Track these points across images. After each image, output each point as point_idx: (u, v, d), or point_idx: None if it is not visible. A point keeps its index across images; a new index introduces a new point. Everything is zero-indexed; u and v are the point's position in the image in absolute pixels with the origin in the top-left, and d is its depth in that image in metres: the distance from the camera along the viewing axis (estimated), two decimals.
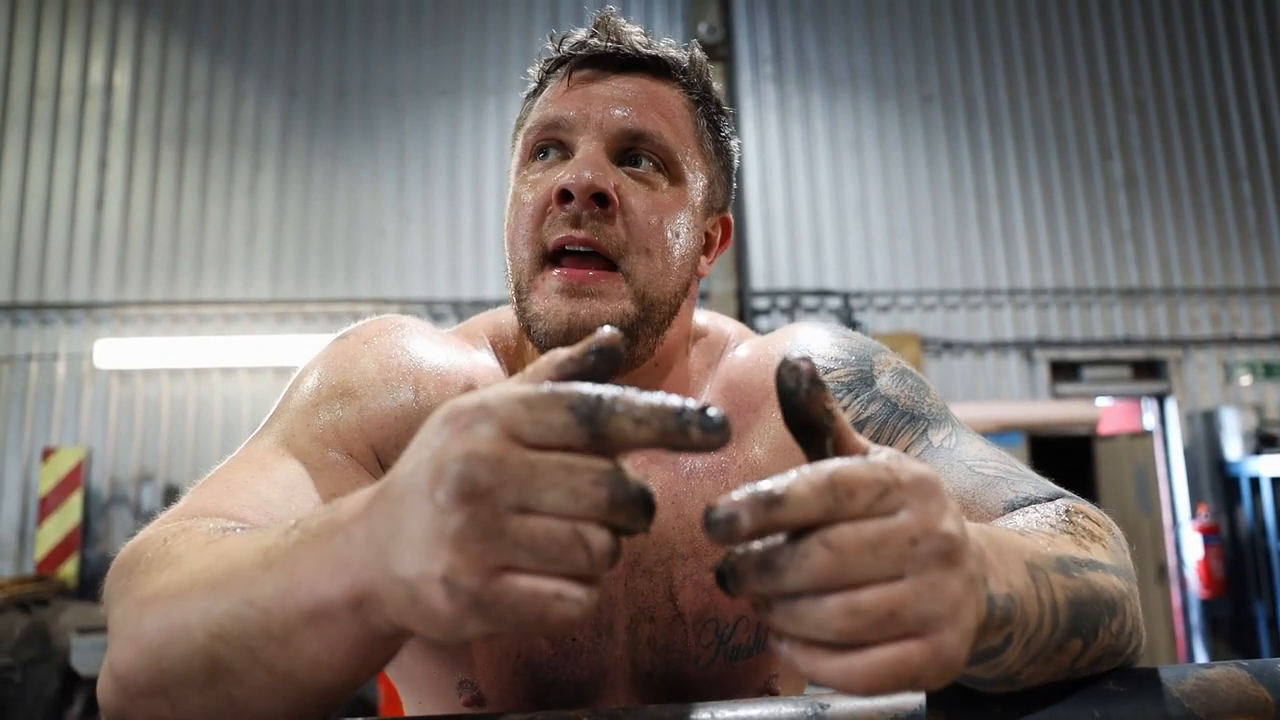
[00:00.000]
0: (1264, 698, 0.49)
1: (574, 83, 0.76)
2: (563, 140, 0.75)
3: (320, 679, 0.42)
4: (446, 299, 5.96)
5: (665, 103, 0.76)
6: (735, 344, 0.88)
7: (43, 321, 5.79)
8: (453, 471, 0.35)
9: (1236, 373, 6.37)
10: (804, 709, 0.49)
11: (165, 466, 5.63)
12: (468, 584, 0.34)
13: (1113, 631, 0.51)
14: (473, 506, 0.34)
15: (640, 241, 0.72)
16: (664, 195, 0.74)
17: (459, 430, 0.36)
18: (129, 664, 0.46)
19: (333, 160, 6.12)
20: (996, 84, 6.63)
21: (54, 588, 5.05)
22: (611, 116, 0.73)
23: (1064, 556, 0.51)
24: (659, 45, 0.78)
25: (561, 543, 0.34)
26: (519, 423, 0.35)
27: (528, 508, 0.35)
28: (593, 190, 0.70)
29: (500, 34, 6.37)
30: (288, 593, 0.41)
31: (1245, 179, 6.69)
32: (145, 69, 6.13)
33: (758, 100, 6.41)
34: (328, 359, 0.78)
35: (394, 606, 0.37)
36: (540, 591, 0.34)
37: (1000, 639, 0.43)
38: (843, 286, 6.22)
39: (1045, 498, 0.65)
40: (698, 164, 0.78)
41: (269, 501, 0.62)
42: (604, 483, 0.35)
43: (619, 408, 0.36)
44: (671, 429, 0.36)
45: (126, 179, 5.98)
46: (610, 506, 0.35)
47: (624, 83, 0.76)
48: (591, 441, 0.36)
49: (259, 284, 5.95)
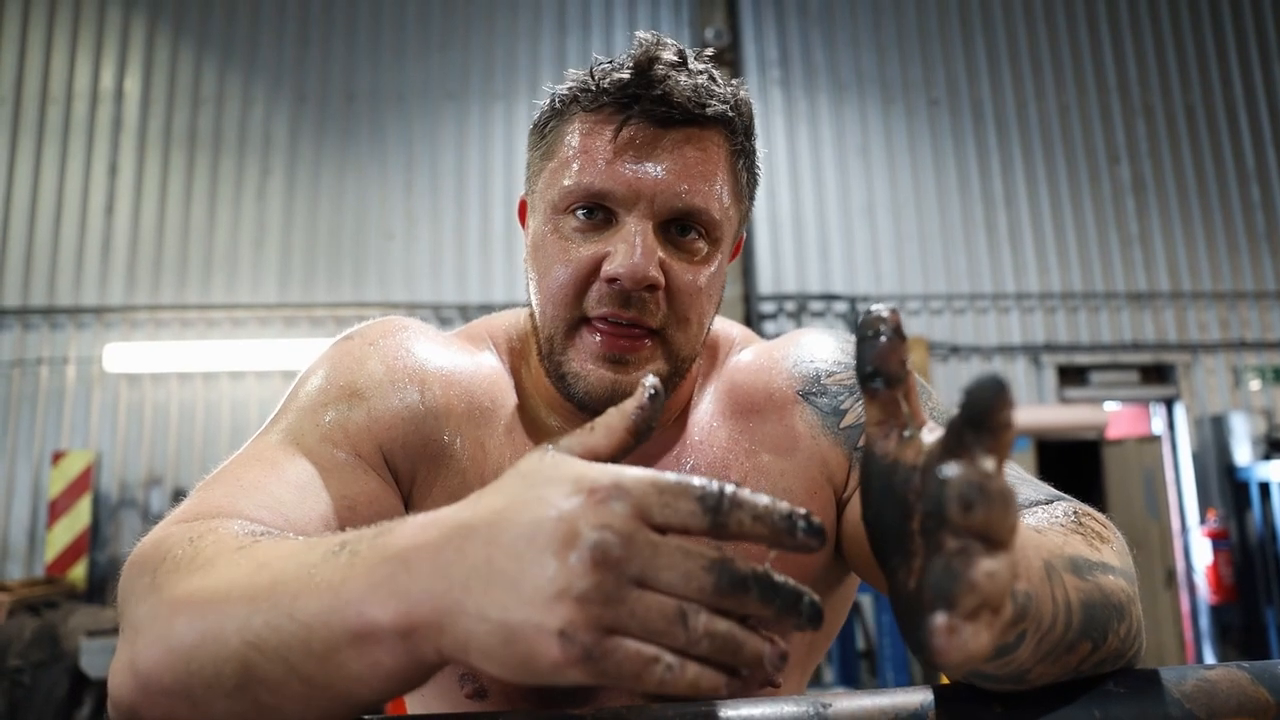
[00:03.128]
0: (1264, 699, 0.50)
1: (621, 144, 0.72)
2: (608, 208, 0.73)
3: (356, 694, 0.43)
4: (454, 303, 5.98)
5: (712, 164, 0.74)
6: (739, 348, 0.89)
7: (53, 326, 5.82)
8: (590, 540, 0.38)
9: (1246, 377, 6.34)
10: (805, 708, 0.49)
11: (174, 470, 5.66)
12: (584, 639, 0.37)
13: (1120, 635, 0.52)
14: (601, 574, 0.38)
15: (680, 313, 0.74)
16: (703, 264, 0.75)
17: (596, 503, 0.39)
18: (154, 663, 0.47)
19: (341, 164, 6.15)
20: (1004, 88, 6.63)
21: (63, 590, 5.07)
22: (662, 195, 0.71)
23: (1077, 557, 0.51)
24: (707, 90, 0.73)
25: (668, 617, 0.38)
26: (650, 505, 0.39)
27: (645, 582, 0.38)
28: (646, 283, 0.71)
29: (508, 39, 6.40)
30: (334, 611, 0.42)
31: (1254, 182, 6.67)
32: (155, 74, 6.17)
33: (764, 105, 6.42)
34: (333, 360, 0.79)
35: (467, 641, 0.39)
36: (643, 653, 0.38)
37: (1014, 636, 0.43)
38: (849, 291, 6.21)
39: (1044, 500, 0.66)
40: (733, 212, 0.77)
41: (282, 502, 0.63)
42: (713, 570, 0.39)
43: (739, 502, 0.40)
44: (781, 529, 0.40)
45: (136, 184, 6.02)
46: (715, 591, 0.39)
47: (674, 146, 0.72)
48: (711, 529, 0.39)
49: (267, 288, 5.98)
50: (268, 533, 0.55)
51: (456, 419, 0.78)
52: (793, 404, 0.82)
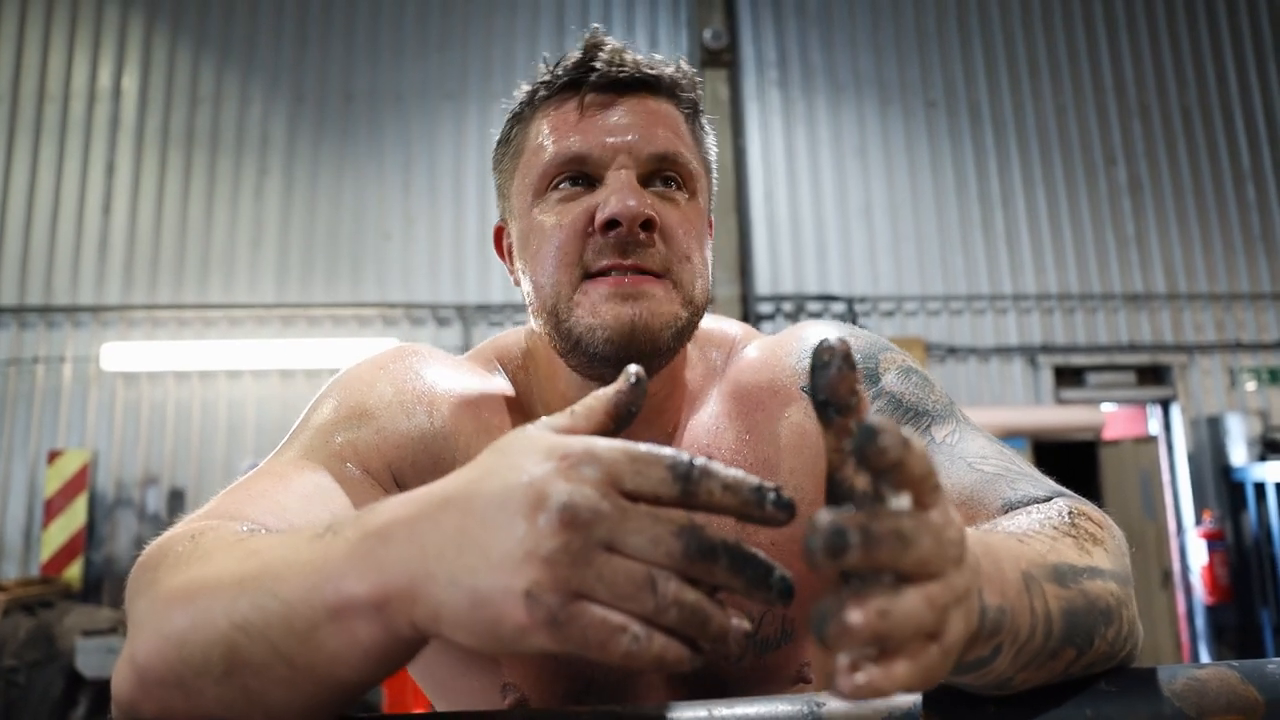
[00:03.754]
0: (1253, 697, 0.50)
1: (587, 111, 0.76)
2: (587, 172, 0.76)
3: (337, 675, 0.43)
4: (451, 303, 5.98)
5: (673, 119, 0.78)
6: (742, 345, 0.89)
7: (49, 324, 5.82)
8: (559, 501, 0.38)
9: (1241, 378, 6.35)
10: (800, 708, 0.50)
11: (170, 470, 5.65)
12: (549, 600, 0.37)
13: (1108, 639, 0.52)
14: (569, 535, 0.37)
15: (680, 251, 0.75)
16: (687, 209, 0.77)
17: (567, 468, 0.39)
18: (150, 653, 0.47)
19: (339, 164, 6.15)
20: (1001, 89, 6.64)
21: (59, 590, 5.07)
22: (638, 145, 0.75)
23: (1061, 565, 0.51)
24: (650, 61, 0.79)
25: (636, 582, 0.37)
26: (621, 471, 0.39)
27: (614, 546, 0.38)
28: (641, 219, 0.72)
29: (506, 39, 6.40)
30: (315, 588, 0.43)
31: (1250, 183, 6.69)
32: (153, 73, 6.17)
33: (762, 105, 6.43)
34: (345, 384, 0.80)
35: (438, 609, 0.39)
36: (609, 621, 0.37)
37: (989, 649, 0.44)
38: (847, 292, 6.22)
39: (1044, 496, 0.66)
40: (701, 174, 0.81)
41: (287, 509, 0.64)
42: (681, 535, 0.38)
43: (710, 472, 0.39)
44: (751, 500, 0.39)
45: (134, 183, 6.02)
46: (684, 557, 0.38)
47: (635, 106, 0.77)
48: (681, 497, 0.39)
49: (264, 288, 5.97)
50: (267, 530, 0.56)
51: (466, 439, 0.79)
52: (798, 400, 0.82)
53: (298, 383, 5.82)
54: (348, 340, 5.85)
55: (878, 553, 0.35)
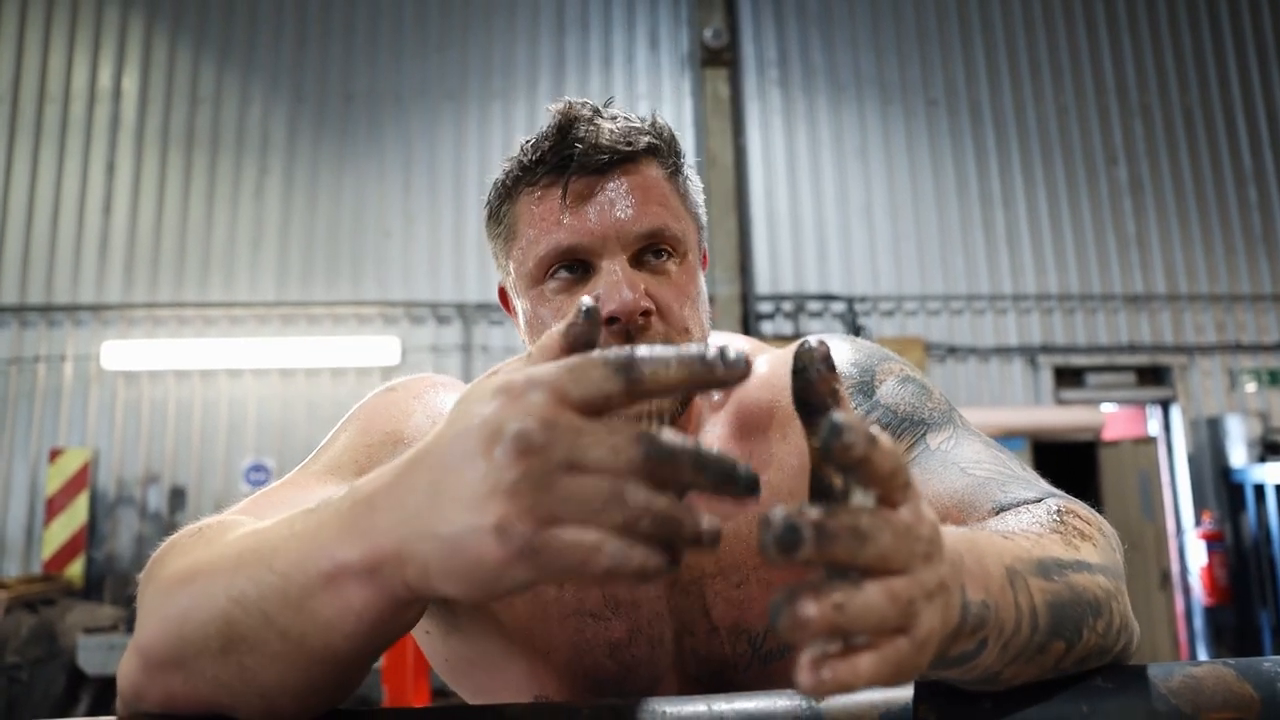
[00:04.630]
0: (1249, 694, 0.50)
1: (572, 199, 0.77)
2: (582, 260, 0.77)
3: (333, 645, 0.44)
4: (451, 301, 5.99)
5: (655, 187, 0.79)
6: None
7: (50, 323, 5.82)
8: (511, 431, 0.38)
9: (1241, 380, 6.36)
10: (798, 703, 0.50)
11: (171, 468, 5.66)
12: (520, 530, 0.37)
13: (1098, 631, 0.52)
14: (527, 462, 0.38)
15: (677, 325, 0.77)
16: (679, 276, 0.79)
17: (513, 399, 0.39)
18: (152, 636, 0.48)
19: (339, 164, 6.15)
20: (1002, 89, 6.64)
21: (60, 587, 5.08)
22: (625, 228, 0.76)
23: (1046, 559, 0.52)
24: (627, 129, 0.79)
25: (603, 496, 0.37)
26: (564, 385, 0.39)
27: (575, 464, 0.38)
28: (639, 311, 0.73)
29: (506, 39, 6.40)
30: (308, 557, 0.44)
31: (1251, 184, 6.69)
32: (153, 73, 6.17)
33: (763, 105, 6.43)
34: (375, 409, 0.81)
35: (426, 564, 0.40)
36: (583, 541, 0.37)
37: (974, 644, 0.44)
38: (847, 291, 6.23)
39: (1035, 498, 0.66)
40: (690, 229, 0.82)
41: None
42: (640, 441, 0.38)
43: (649, 355, 0.39)
44: (699, 369, 0.39)
45: (134, 182, 6.02)
46: (645, 460, 0.38)
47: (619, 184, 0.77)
48: (629, 386, 0.39)
49: (265, 286, 5.98)
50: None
51: None
52: (797, 420, 0.82)
53: (298, 381, 5.83)
54: (348, 339, 5.86)
55: (831, 548, 0.34)
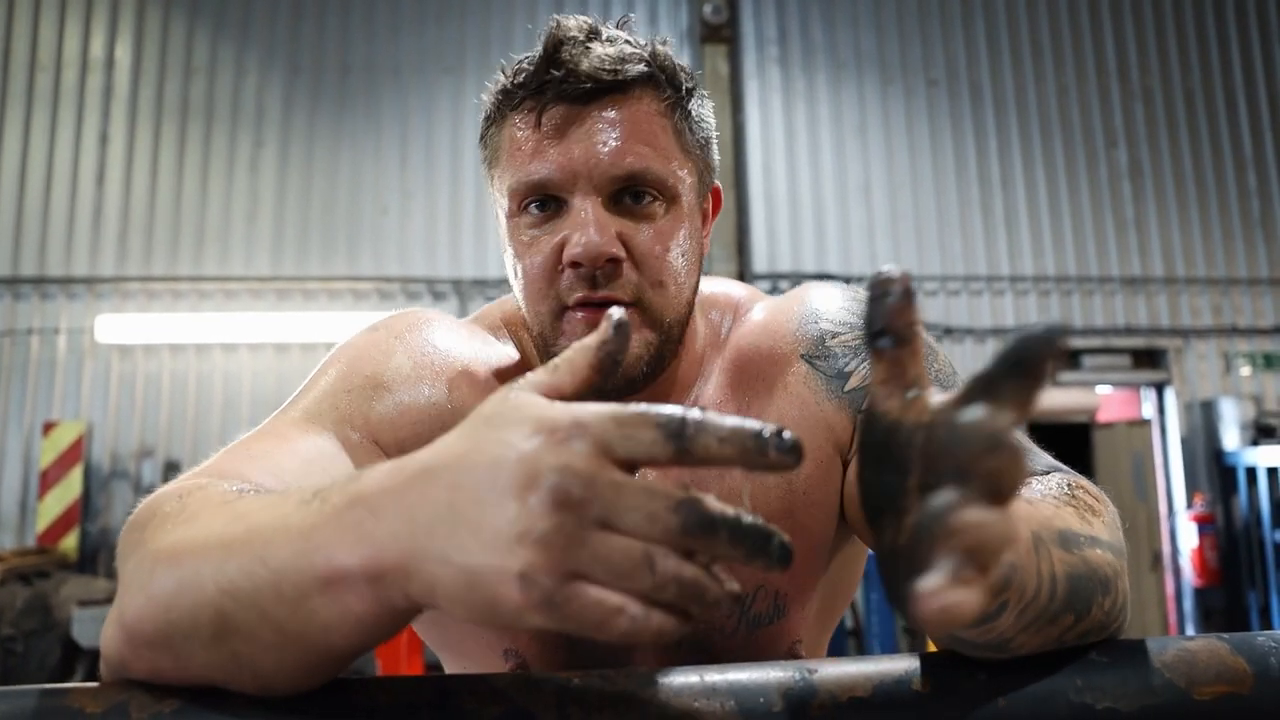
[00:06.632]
0: (1242, 668, 0.50)
1: (547, 128, 0.73)
2: (554, 195, 0.74)
3: (330, 642, 0.43)
4: (448, 277, 5.96)
5: (644, 124, 0.74)
6: (746, 309, 0.88)
7: (44, 296, 5.79)
8: (550, 481, 0.37)
9: (1236, 363, 6.37)
10: (791, 673, 0.50)
11: (165, 442, 5.65)
12: (544, 582, 0.36)
13: (1104, 608, 0.52)
14: (562, 515, 0.37)
15: (652, 277, 0.74)
16: (663, 223, 0.75)
17: (556, 443, 0.38)
18: (137, 613, 0.47)
19: (335, 137, 6.10)
20: (1003, 69, 6.60)
21: (55, 560, 5.09)
22: (598, 168, 0.72)
23: (1066, 530, 0.52)
24: (619, 55, 0.73)
25: (634, 561, 0.37)
26: (611, 440, 0.38)
27: (609, 524, 0.37)
28: (604, 258, 0.71)
29: (505, 12, 6.34)
30: (303, 556, 0.42)
31: (1251, 170, 6.67)
32: (147, 43, 6.10)
33: (762, 82, 6.38)
34: (358, 349, 0.79)
35: (433, 585, 0.39)
36: (606, 603, 0.37)
37: (996, 604, 0.44)
38: (844, 270, 6.21)
39: (1042, 471, 0.66)
40: (685, 168, 0.77)
41: (286, 471, 0.64)
42: (679, 510, 0.37)
43: (704, 425, 0.38)
44: (751, 448, 0.38)
45: (128, 154, 5.97)
46: (681, 532, 0.37)
47: (599, 116, 0.73)
48: (677, 456, 0.38)
49: (260, 261, 5.94)
50: (257, 491, 0.55)
51: None
52: (796, 369, 0.81)
53: (293, 356, 5.81)
54: (343, 314, 5.84)
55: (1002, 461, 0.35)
